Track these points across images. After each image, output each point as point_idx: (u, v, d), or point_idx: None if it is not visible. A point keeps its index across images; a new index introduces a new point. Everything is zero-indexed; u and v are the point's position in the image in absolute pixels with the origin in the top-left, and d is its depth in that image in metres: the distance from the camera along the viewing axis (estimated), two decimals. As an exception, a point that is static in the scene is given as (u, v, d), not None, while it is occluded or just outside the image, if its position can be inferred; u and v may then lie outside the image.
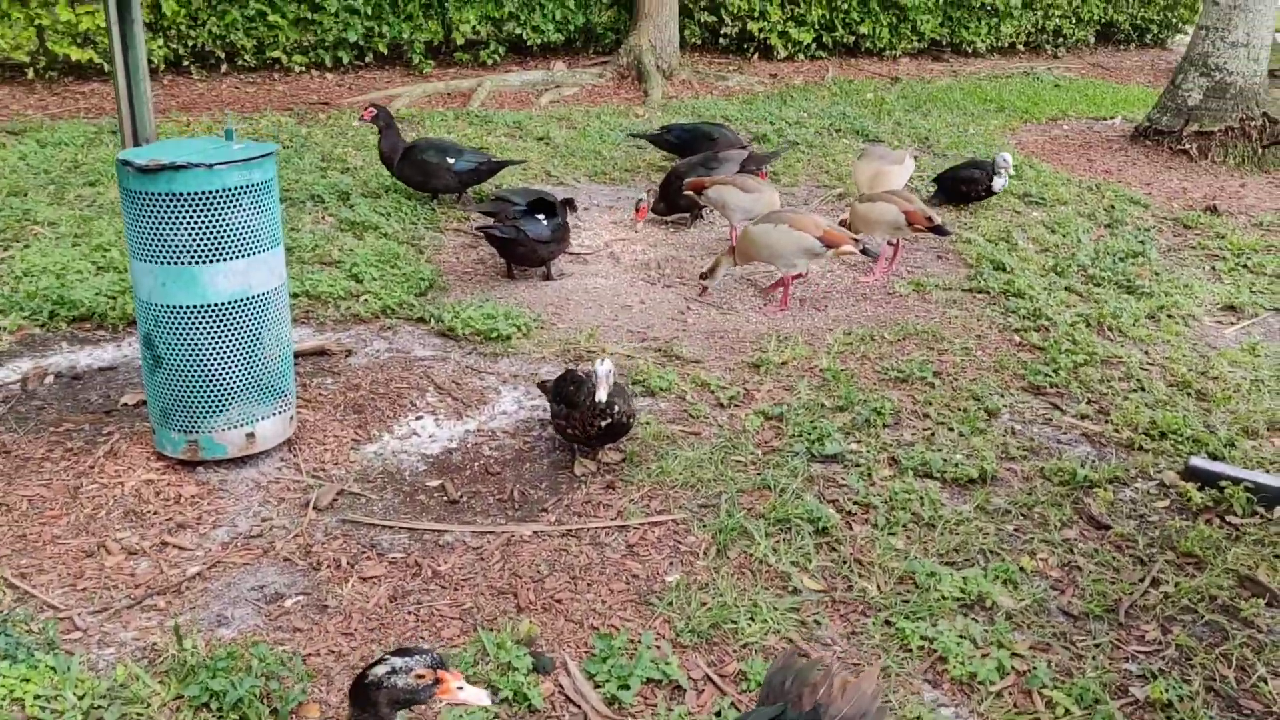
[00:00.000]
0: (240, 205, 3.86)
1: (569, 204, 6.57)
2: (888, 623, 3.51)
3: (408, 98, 10.56)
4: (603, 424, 4.18)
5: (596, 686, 3.20)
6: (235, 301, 3.99)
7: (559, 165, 8.66)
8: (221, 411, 4.09)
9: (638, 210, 7.05)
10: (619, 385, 4.28)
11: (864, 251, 5.89)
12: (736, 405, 4.97)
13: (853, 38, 12.78)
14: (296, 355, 5.01)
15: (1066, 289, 6.46)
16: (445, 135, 8.92)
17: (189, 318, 3.96)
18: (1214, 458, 4.55)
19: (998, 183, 7.52)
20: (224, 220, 3.87)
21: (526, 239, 6.05)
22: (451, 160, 7.12)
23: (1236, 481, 4.22)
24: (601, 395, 4.06)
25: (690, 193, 6.87)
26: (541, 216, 6.11)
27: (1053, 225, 7.67)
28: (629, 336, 5.65)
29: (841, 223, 6.36)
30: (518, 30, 11.38)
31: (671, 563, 3.69)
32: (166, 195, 3.81)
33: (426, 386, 5.03)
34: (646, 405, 4.91)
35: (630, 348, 5.51)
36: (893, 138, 9.83)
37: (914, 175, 8.21)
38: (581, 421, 4.18)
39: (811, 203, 8.01)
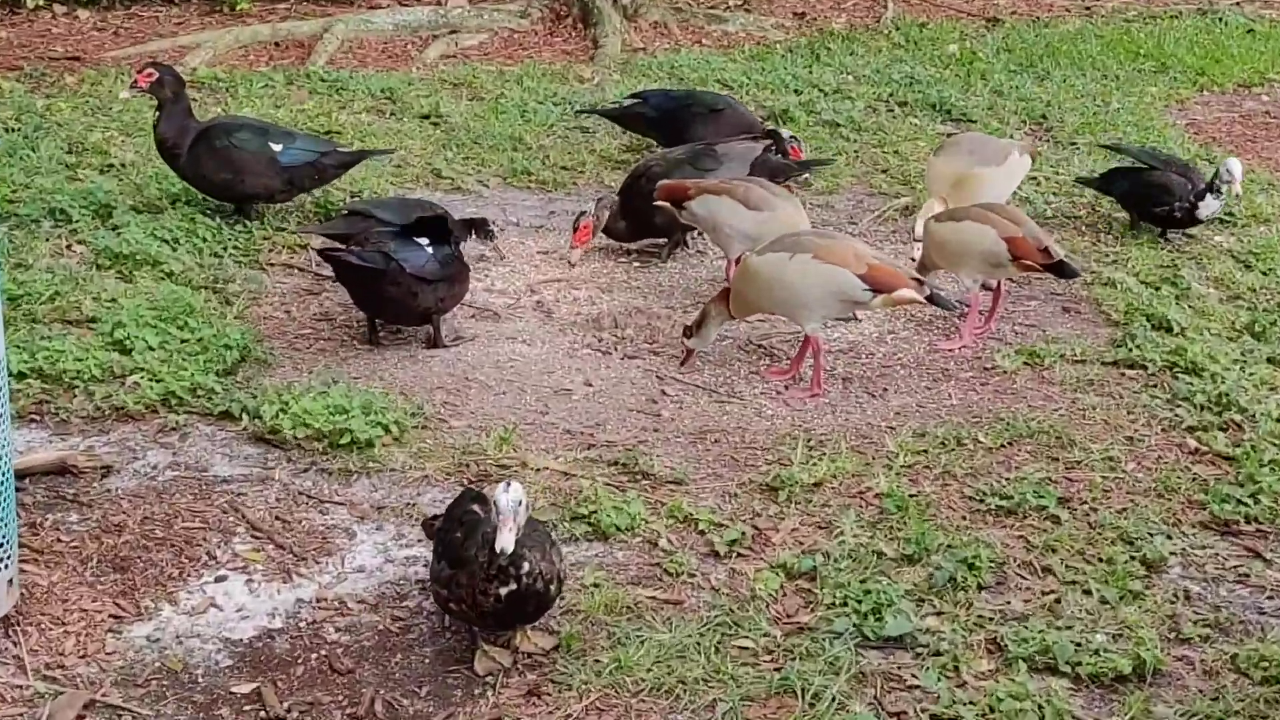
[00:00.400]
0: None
1: (476, 227, 6.95)
2: None
3: (210, 50, 10.77)
4: (502, 592, 4.27)
5: None
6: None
7: (456, 160, 8.88)
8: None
9: (576, 230, 7.22)
10: (538, 528, 4.38)
11: (933, 300, 6.05)
12: (741, 555, 5.12)
13: (925, -47, 13.12)
14: (19, 475, 5.06)
15: (1270, 361, 6.66)
16: (268, 112, 9.21)
17: None
18: None
19: (1207, 206, 7.80)
20: None
21: (401, 275, 6.24)
22: (277, 148, 7.39)
23: None
24: (504, 543, 4.11)
25: (665, 204, 7.08)
26: (426, 242, 6.34)
27: (1246, 258, 7.87)
28: (567, 441, 5.80)
29: (919, 263, 6.69)
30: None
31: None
32: None
33: (234, 526, 5.11)
34: (595, 556, 5.03)
35: (569, 459, 5.67)
36: (991, 118, 9.92)
37: (1031, 177, 8.37)
38: (471, 590, 4.25)
39: (859, 222, 8.14)
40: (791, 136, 8.42)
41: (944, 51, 11.54)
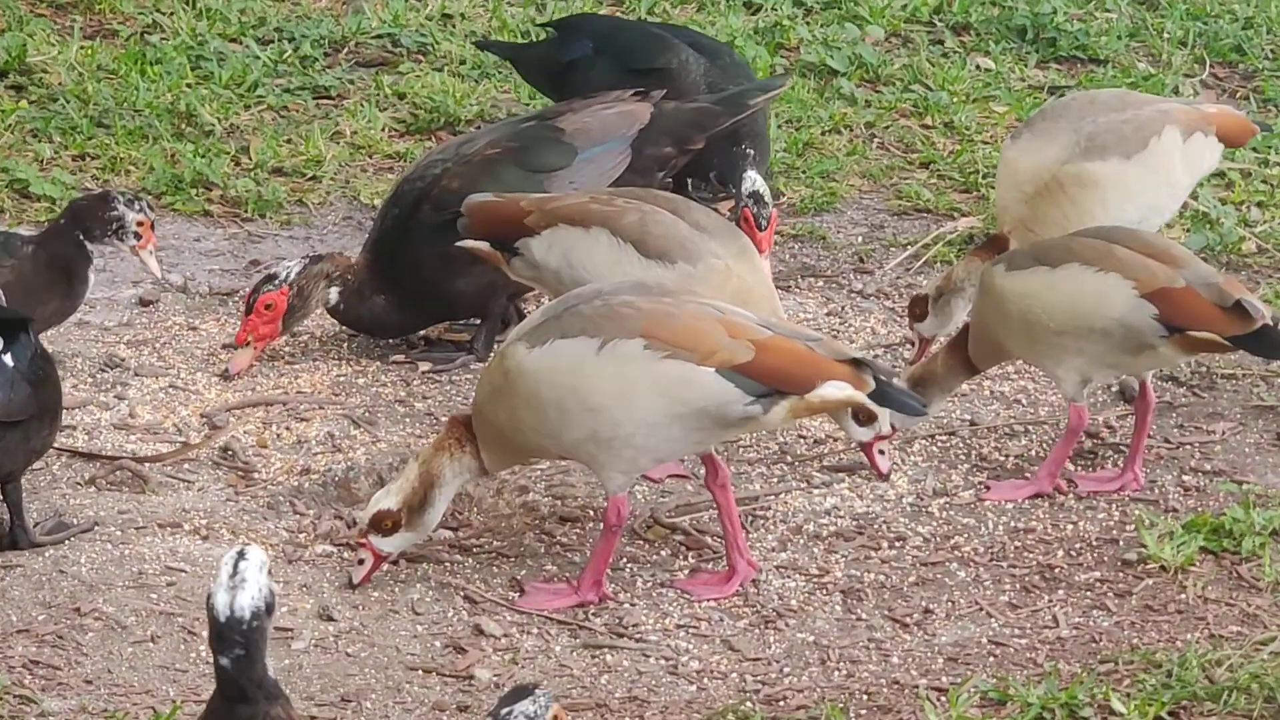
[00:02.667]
0: None
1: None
2: None
3: None
4: None
5: None
6: None
7: (59, 160, 7.28)
8: None
9: (250, 312, 6.10)
10: None
11: (887, 398, 5.16)
12: None
13: None
14: None
15: None
16: None
17: None
18: None
19: None
20: None
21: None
22: None
23: None
24: None
25: (478, 246, 5.86)
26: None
27: None
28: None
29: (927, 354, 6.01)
30: None
31: None
32: None
33: None
34: None
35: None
36: (1137, 57, 8.30)
37: (1216, 174, 7.11)
38: None
39: (876, 270, 6.85)
40: (754, 194, 6.50)
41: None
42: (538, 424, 5.06)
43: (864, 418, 5.28)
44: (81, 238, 5.92)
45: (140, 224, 5.96)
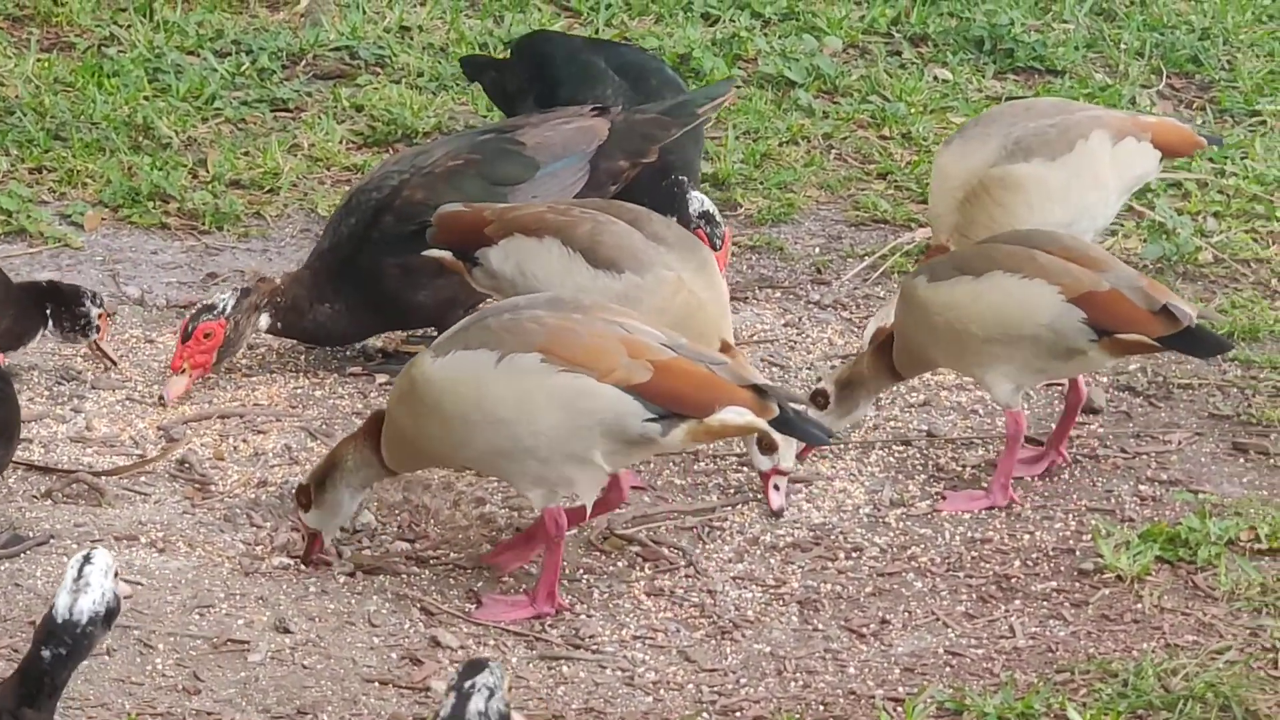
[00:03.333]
0: None
1: (56, 307, 6.07)
2: None
3: None
4: None
5: None
6: None
7: (15, 173, 7.34)
8: None
9: (187, 339, 6.16)
10: None
11: (789, 427, 5.16)
12: None
13: None
14: None
15: None
16: None
17: None
18: None
19: None
20: None
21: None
22: None
23: None
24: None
25: (443, 255, 5.93)
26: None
27: None
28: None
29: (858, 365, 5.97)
30: None
31: None
32: None
33: None
34: None
35: None
36: (1094, 67, 8.33)
37: (1163, 182, 7.23)
38: None
39: (833, 281, 6.83)
40: (704, 215, 6.62)
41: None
42: (443, 434, 5.12)
43: (765, 446, 5.33)
44: (48, 313, 5.98)
45: (100, 317, 6.08)
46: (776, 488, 5.36)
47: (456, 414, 5.08)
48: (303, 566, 5.34)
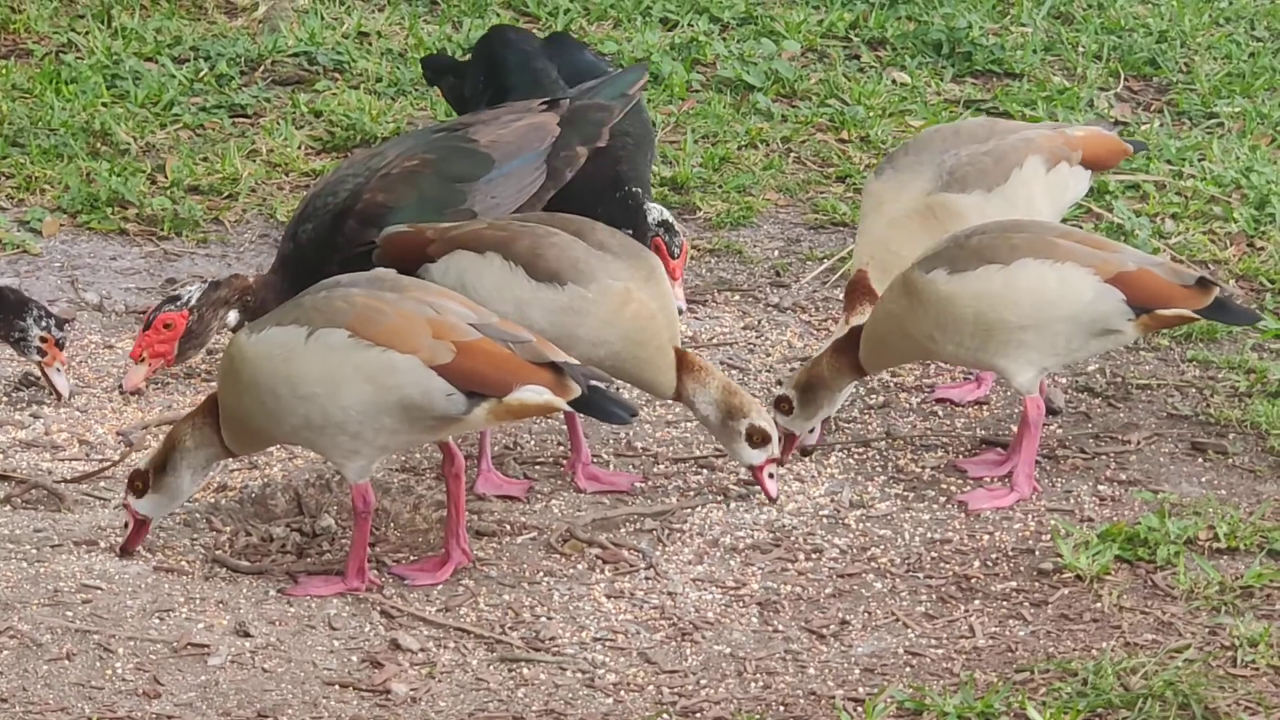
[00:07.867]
0: None
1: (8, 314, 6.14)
2: None
3: None
4: None
5: None
6: None
7: None
8: None
9: (148, 327, 6.15)
10: None
11: (593, 407, 5.26)
12: None
13: None
14: None
15: None
16: None
17: None
18: None
19: None
20: None
21: None
22: None
23: None
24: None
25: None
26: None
27: None
28: None
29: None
30: None
31: None
32: None
33: None
34: None
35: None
36: (1052, 70, 8.41)
37: (1128, 193, 7.40)
38: None
39: (792, 284, 6.93)
40: (663, 224, 6.58)
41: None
42: (259, 409, 5.19)
43: (757, 440, 5.36)
44: None
45: (44, 340, 6.06)
46: (771, 476, 5.43)
47: (269, 389, 5.17)
48: (262, 572, 5.30)
